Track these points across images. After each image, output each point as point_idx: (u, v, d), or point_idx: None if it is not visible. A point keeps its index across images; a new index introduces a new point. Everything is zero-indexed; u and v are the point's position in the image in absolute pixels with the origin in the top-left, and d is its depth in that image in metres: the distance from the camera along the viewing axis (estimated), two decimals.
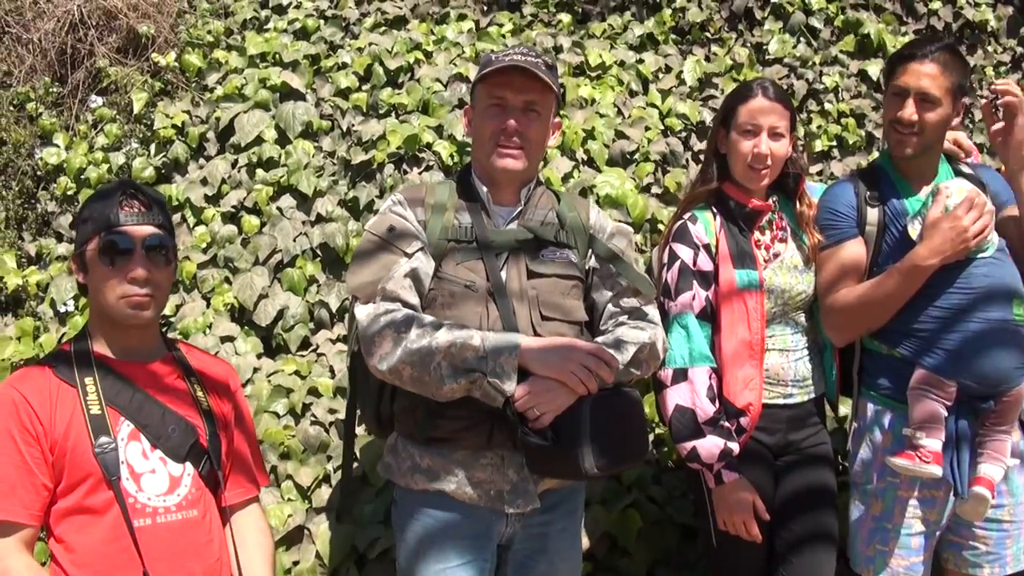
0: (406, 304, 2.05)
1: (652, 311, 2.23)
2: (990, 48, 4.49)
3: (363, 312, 2.05)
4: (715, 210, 2.45)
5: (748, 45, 4.37)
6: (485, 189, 2.22)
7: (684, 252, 2.39)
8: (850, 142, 4.03)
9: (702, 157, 3.98)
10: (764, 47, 4.34)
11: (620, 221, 3.31)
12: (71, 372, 1.83)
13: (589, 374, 1.95)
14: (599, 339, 2.14)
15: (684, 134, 4.00)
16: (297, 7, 4.24)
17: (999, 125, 2.42)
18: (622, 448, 2.00)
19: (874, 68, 4.25)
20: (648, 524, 2.95)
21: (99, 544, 1.76)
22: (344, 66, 3.98)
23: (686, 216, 2.45)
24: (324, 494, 3.00)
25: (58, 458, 1.76)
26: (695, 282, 2.36)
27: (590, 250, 2.25)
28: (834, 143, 4.04)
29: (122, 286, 1.84)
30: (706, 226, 2.42)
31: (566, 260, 2.20)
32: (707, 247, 2.40)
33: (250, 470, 2.07)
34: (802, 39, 4.37)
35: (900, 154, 2.40)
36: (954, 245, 2.22)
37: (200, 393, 1.96)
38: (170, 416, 1.88)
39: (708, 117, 4.04)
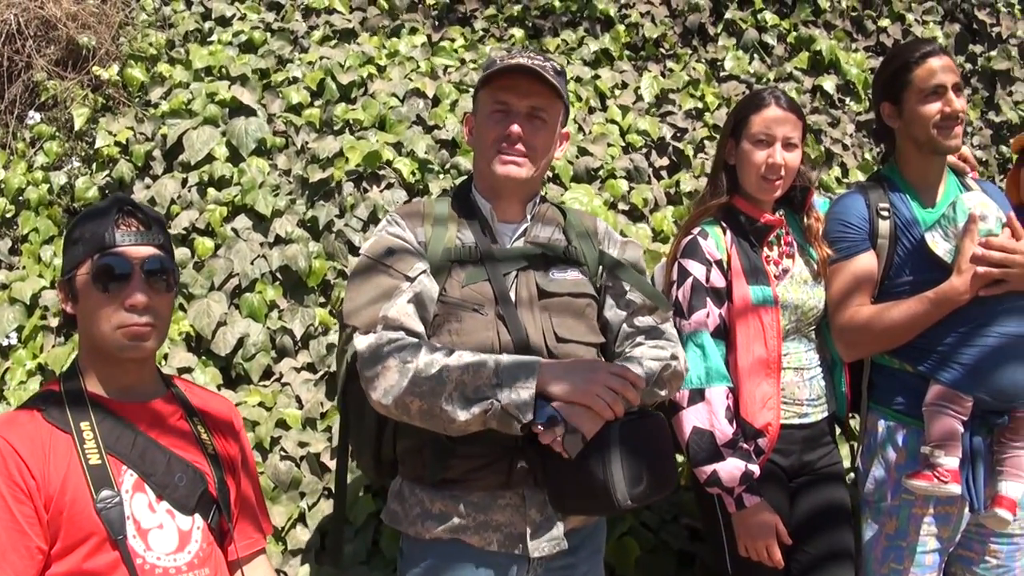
0: (410, 332, 1.86)
1: (669, 328, 2.10)
2: None
3: (364, 343, 1.84)
4: (724, 224, 2.38)
5: (703, 61, 4.35)
6: (489, 206, 2.06)
7: (696, 268, 2.30)
8: (812, 156, 4.03)
9: (664, 173, 4.00)
10: (719, 63, 4.33)
11: None
12: (64, 416, 1.60)
13: (616, 396, 1.78)
14: (619, 360, 2.00)
15: (645, 150, 3.95)
16: (241, 19, 4.03)
17: None
18: (655, 476, 1.84)
19: (829, 84, 4.29)
20: (644, 552, 2.84)
21: None
22: (295, 81, 3.79)
23: (695, 231, 2.36)
24: (299, 535, 2.80)
25: (53, 516, 1.53)
26: (708, 299, 2.28)
27: (600, 267, 2.11)
28: None
29: (119, 315, 1.62)
30: (717, 241, 2.34)
31: (577, 278, 2.06)
32: (719, 263, 2.32)
33: (256, 518, 1.87)
34: (756, 55, 4.38)
35: (955, 147, 2.39)
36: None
37: (205, 435, 1.75)
38: (176, 463, 1.66)
39: (668, 133, 4.00)
